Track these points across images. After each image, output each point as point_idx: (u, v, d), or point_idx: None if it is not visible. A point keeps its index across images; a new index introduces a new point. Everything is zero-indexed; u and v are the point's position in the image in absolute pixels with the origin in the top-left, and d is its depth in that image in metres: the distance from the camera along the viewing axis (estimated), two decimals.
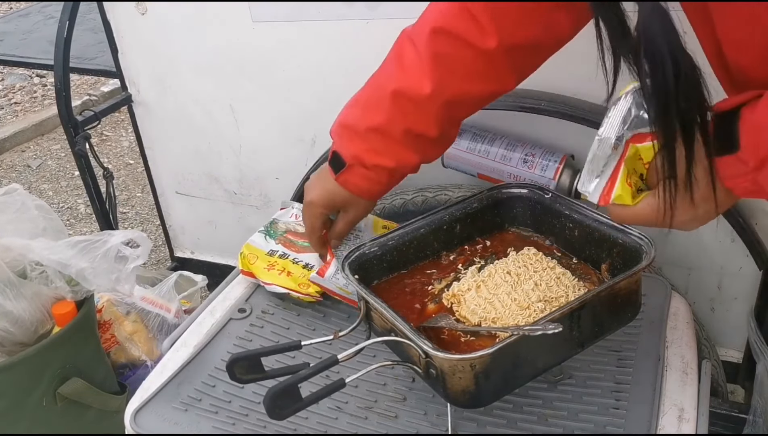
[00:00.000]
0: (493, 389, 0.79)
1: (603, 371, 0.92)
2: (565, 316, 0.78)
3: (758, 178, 0.61)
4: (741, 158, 0.61)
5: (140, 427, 0.88)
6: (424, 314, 0.92)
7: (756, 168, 0.60)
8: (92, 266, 1.27)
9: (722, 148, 0.62)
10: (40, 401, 1.32)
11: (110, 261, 1.29)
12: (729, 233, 1.34)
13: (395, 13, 1.39)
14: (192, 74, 1.69)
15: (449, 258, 1.01)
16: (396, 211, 1.51)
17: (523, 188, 1.04)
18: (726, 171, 0.63)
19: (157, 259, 2.57)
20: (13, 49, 2.12)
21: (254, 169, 1.78)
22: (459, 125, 0.96)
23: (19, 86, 4.23)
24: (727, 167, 0.63)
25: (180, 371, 0.96)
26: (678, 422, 0.84)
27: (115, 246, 1.30)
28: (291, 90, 1.61)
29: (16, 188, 1.36)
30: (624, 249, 0.89)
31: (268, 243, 1.15)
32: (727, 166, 0.63)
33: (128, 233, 1.34)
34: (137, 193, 3.04)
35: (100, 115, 1.74)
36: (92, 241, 1.30)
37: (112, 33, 1.72)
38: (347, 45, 1.48)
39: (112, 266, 1.30)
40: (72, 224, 2.86)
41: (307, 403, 0.75)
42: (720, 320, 1.47)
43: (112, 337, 1.61)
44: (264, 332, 1.04)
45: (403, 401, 0.91)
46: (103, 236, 1.31)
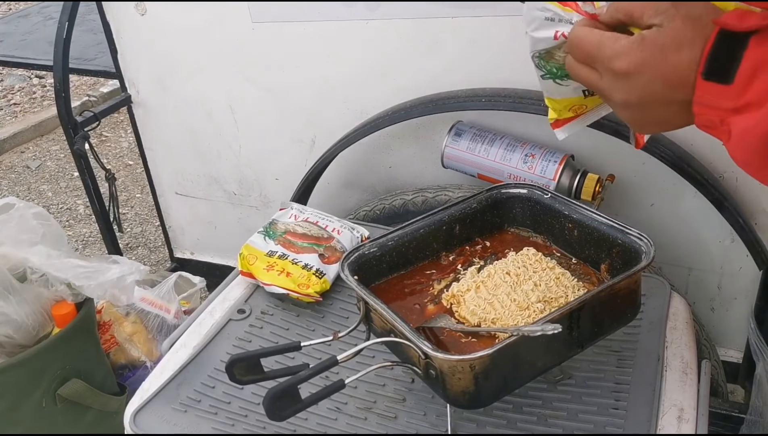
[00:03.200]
0: (493, 389, 0.78)
1: (603, 372, 0.92)
2: (564, 316, 0.78)
3: (729, 119, 0.54)
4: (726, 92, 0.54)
5: (140, 428, 0.88)
6: (423, 315, 0.92)
7: (734, 110, 0.54)
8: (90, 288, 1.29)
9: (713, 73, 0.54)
10: (40, 402, 1.32)
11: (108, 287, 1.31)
12: (729, 233, 1.34)
13: (395, 13, 1.39)
14: (192, 75, 1.69)
15: (449, 259, 1.01)
16: (396, 211, 1.51)
17: (523, 189, 1.04)
18: (704, 96, 0.56)
19: (156, 260, 2.57)
20: (12, 50, 2.11)
21: (254, 170, 1.78)
22: None
23: (18, 87, 4.23)
24: (707, 93, 0.55)
25: (179, 372, 0.96)
26: (678, 422, 0.84)
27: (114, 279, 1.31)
28: (291, 90, 1.61)
29: (13, 204, 1.36)
30: (623, 249, 0.89)
31: (268, 244, 1.15)
32: (708, 93, 0.55)
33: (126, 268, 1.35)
34: (137, 194, 3.04)
35: (99, 116, 1.75)
36: (92, 269, 1.31)
37: (111, 34, 1.72)
38: (347, 45, 1.48)
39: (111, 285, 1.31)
40: (71, 225, 2.86)
41: (307, 404, 0.75)
42: (720, 320, 1.47)
43: (112, 338, 1.61)
44: (263, 333, 1.04)
45: (403, 401, 0.91)
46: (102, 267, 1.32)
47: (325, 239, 1.17)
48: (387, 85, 1.48)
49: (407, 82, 1.45)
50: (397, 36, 1.43)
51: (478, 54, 1.37)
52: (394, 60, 1.46)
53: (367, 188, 1.67)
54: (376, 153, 1.60)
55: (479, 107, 1.33)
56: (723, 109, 0.54)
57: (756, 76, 0.52)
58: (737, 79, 0.53)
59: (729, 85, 0.53)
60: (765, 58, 0.52)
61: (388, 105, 1.45)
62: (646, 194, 1.40)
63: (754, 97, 0.52)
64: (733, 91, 0.53)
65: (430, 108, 1.37)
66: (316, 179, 1.56)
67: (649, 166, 1.32)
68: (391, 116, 1.41)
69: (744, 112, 0.53)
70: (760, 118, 0.52)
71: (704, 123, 0.57)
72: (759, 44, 0.52)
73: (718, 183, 1.28)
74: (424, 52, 1.42)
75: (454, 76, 1.40)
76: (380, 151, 1.60)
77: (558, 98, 0.74)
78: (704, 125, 0.58)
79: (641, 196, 1.40)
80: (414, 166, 1.58)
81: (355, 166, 1.64)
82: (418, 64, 1.44)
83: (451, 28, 1.37)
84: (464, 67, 1.39)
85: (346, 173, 1.65)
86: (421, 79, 1.43)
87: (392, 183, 1.62)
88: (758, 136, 0.53)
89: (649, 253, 0.84)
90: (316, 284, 1.08)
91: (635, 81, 0.60)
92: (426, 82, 1.43)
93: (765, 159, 0.54)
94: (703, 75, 0.55)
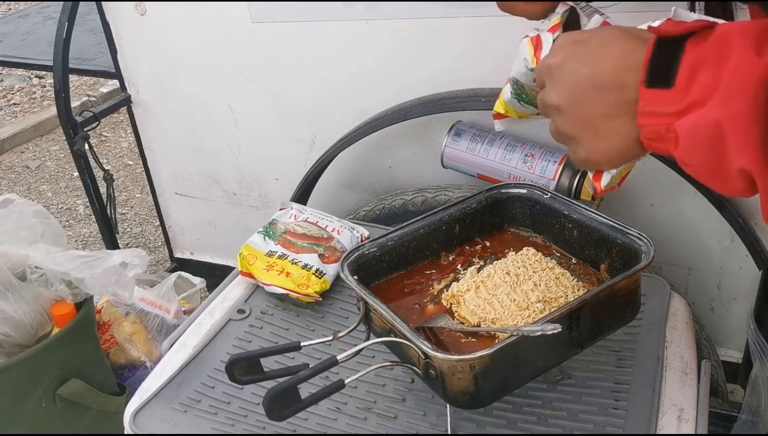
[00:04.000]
0: (493, 389, 0.78)
1: (602, 372, 0.92)
2: (564, 316, 0.78)
3: (675, 124, 0.54)
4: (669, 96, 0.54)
5: (139, 428, 0.88)
6: (423, 315, 0.92)
7: (679, 113, 0.54)
8: (91, 278, 1.28)
9: (655, 80, 0.55)
10: (39, 402, 1.32)
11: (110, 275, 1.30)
12: (729, 233, 1.34)
13: (395, 13, 1.39)
14: (191, 75, 1.69)
15: (448, 259, 1.01)
16: (396, 211, 1.51)
17: (522, 188, 1.04)
18: (647, 105, 0.56)
19: (156, 260, 2.56)
20: (12, 50, 2.11)
21: (253, 169, 1.78)
22: None
23: (18, 87, 4.23)
24: (650, 102, 0.55)
25: (179, 372, 0.96)
26: (677, 422, 0.84)
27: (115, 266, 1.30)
28: (291, 90, 1.61)
29: (13, 199, 1.36)
30: (623, 249, 0.89)
31: (267, 244, 1.15)
32: (651, 101, 0.55)
33: (127, 253, 1.34)
34: (136, 194, 3.04)
35: (99, 116, 1.75)
36: (93, 257, 1.30)
37: (111, 34, 1.72)
38: (347, 45, 1.48)
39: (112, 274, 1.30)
40: (71, 225, 2.86)
41: (307, 404, 0.75)
42: (719, 320, 1.47)
43: (112, 338, 1.61)
44: (263, 333, 1.04)
45: (403, 401, 0.91)
46: (103, 255, 1.32)
47: (324, 239, 1.17)
48: (387, 85, 1.48)
49: (407, 82, 1.45)
50: (396, 36, 1.43)
51: (478, 54, 1.37)
52: (393, 60, 1.46)
53: (367, 188, 1.67)
54: (376, 153, 1.60)
55: (479, 107, 1.33)
56: (668, 114, 0.54)
57: (695, 76, 0.53)
58: (678, 82, 0.53)
59: (671, 89, 0.54)
60: (702, 58, 0.53)
61: (388, 105, 1.45)
62: (646, 194, 1.40)
63: (697, 96, 0.52)
64: (676, 95, 0.54)
65: (430, 108, 1.37)
66: (316, 179, 1.56)
67: (649, 166, 1.32)
68: (391, 116, 1.41)
69: (688, 113, 0.53)
70: (707, 112, 0.52)
71: (650, 136, 0.57)
72: (695, 46, 0.53)
73: None
74: (424, 52, 1.42)
75: (454, 76, 1.40)
76: (380, 151, 1.60)
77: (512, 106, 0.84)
78: (651, 139, 0.57)
79: (641, 196, 1.40)
80: (414, 166, 1.58)
81: (355, 166, 1.64)
82: (417, 64, 1.44)
83: (451, 28, 1.37)
84: (464, 67, 1.39)
85: (346, 173, 1.66)
86: (421, 79, 1.43)
87: (392, 183, 1.62)
88: (707, 131, 0.53)
89: (648, 253, 0.84)
90: (316, 284, 1.08)
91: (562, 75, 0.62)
92: (426, 82, 1.43)
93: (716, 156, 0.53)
94: (645, 83, 0.55)
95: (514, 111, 0.85)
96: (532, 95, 0.79)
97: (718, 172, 0.54)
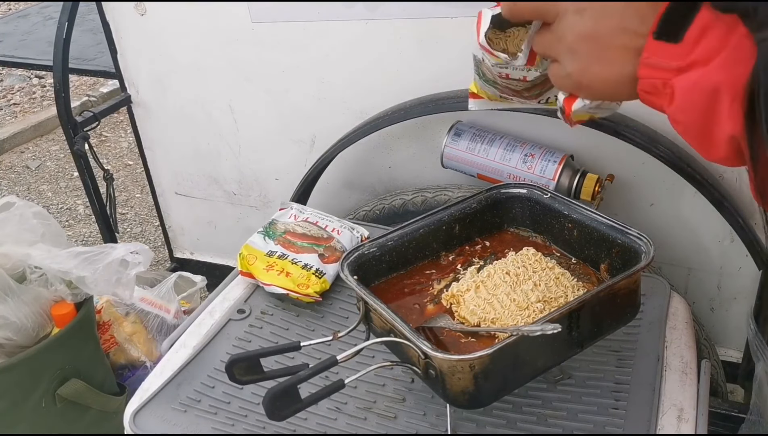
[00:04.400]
0: (493, 389, 0.78)
1: (602, 371, 0.92)
2: (564, 316, 0.78)
3: (673, 80, 0.54)
4: (674, 50, 0.54)
5: (139, 428, 0.88)
6: (423, 315, 0.92)
7: (679, 69, 0.54)
8: (93, 275, 1.28)
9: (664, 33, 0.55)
10: (39, 402, 1.32)
11: (111, 272, 1.29)
12: (728, 233, 1.34)
13: (395, 13, 1.39)
14: (191, 75, 1.69)
15: (448, 258, 1.01)
16: (396, 211, 1.51)
17: (522, 188, 1.04)
18: (651, 56, 0.56)
19: (156, 260, 2.56)
20: (12, 50, 2.12)
21: (253, 169, 1.78)
22: None
23: (18, 87, 4.23)
24: (654, 53, 0.55)
25: (179, 372, 0.96)
26: (677, 422, 0.84)
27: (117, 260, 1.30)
28: (291, 90, 1.61)
29: (13, 202, 1.36)
30: (623, 249, 0.89)
31: (267, 244, 1.15)
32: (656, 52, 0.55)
33: (130, 246, 1.34)
34: (136, 194, 3.04)
35: (99, 116, 1.74)
36: (94, 253, 1.30)
37: (111, 34, 1.72)
38: (347, 45, 1.48)
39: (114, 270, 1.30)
40: (71, 225, 2.86)
41: (307, 404, 0.75)
42: (719, 320, 1.47)
43: (112, 338, 1.61)
44: (263, 333, 1.04)
45: (403, 401, 0.91)
46: (105, 249, 1.31)
47: (324, 239, 1.17)
48: (387, 85, 1.48)
49: (407, 82, 1.45)
50: (396, 36, 1.43)
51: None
52: (393, 60, 1.46)
53: (367, 188, 1.67)
54: (376, 153, 1.60)
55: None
56: (668, 69, 0.54)
57: (704, 36, 0.52)
58: (686, 38, 0.53)
59: (677, 44, 0.54)
60: (714, 20, 0.52)
61: (388, 105, 1.45)
62: (646, 194, 1.40)
63: (701, 55, 0.52)
64: (681, 50, 0.54)
65: (430, 108, 1.37)
66: (316, 179, 1.56)
67: (649, 166, 1.32)
68: (391, 116, 1.41)
69: (688, 71, 0.53)
70: (705, 73, 0.52)
71: (647, 88, 0.57)
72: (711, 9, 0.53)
73: (717, 183, 1.28)
74: (424, 53, 1.42)
75: (454, 76, 1.40)
76: (380, 151, 1.60)
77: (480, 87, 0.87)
78: (647, 91, 0.57)
79: (641, 196, 1.40)
80: (414, 166, 1.58)
81: (355, 166, 1.64)
82: (417, 64, 1.44)
83: (451, 28, 1.37)
84: (464, 67, 1.38)
85: (346, 173, 1.66)
86: (421, 79, 1.43)
87: (392, 183, 1.62)
88: (702, 92, 0.53)
89: (648, 253, 0.84)
90: (316, 284, 1.08)
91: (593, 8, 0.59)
92: (426, 82, 1.43)
93: (707, 118, 0.53)
94: (654, 35, 0.55)
95: (484, 92, 0.87)
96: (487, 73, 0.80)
97: (707, 135, 0.54)
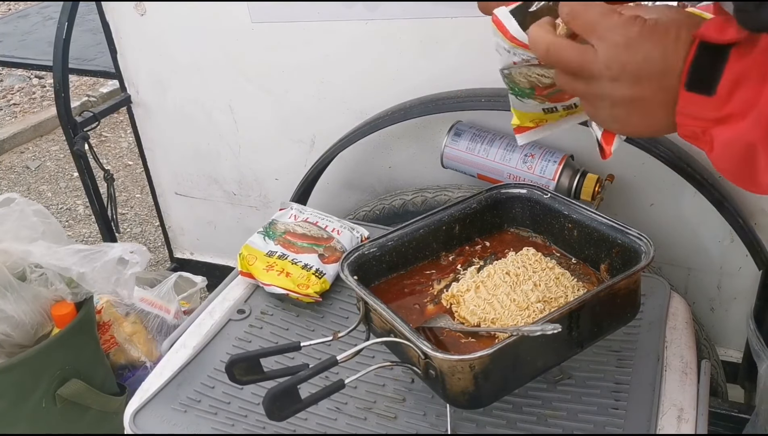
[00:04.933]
0: (493, 389, 0.79)
1: (602, 372, 0.92)
2: (564, 316, 0.78)
3: (712, 130, 0.55)
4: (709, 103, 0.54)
5: (139, 428, 0.88)
6: (423, 315, 0.92)
7: (716, 120, 0.54)
8: (92, 273, 1.28)
9: (696, 84, 0.55)
10: (39, 402, 1.32)
11: (110, 269, 1.30)
12: (728, 233, 1.34)
13: (395, 13, 1.39)
14: (191, 75, 1.69)
15: (448, 259, 1.01)
16: (396, 211, 1.51)
17: (522, 189, 1.04)
18: (686, 106, 0.56)
19: (156, 260, 2.56)
20: (12, 50, 2.12)
21: (253, 170, 1.78)
22: None
23: (18, 87, 4.23)
24: (689, 104, 0.55)
25: (179, 372, 0.96)
26: (677, 422, 0.84)
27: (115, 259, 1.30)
28: (291, 90, 1.61)
29: (14, 198, 1.36)
30: (623, 249, 0.89)
31: (267, 244, 1.15)
32: (691, 103, 0.55)
33: (128, 246, 1.34)
34: (136, 195, 3.04)
35: (99, 116, 1.74)
36: (93, 251, 1.30)
37: (111, 34, 1.72)
38: (347, 45, 1.48)
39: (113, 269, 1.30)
40: (71, 226, 2.86)
41: (307, 404, 0.75)
42: (719, 320, 1.47)
43: (112, 338, 1.61)
44: (263, 333, 1.04)
45: (403, 401, 0.91)
46: (103, 248, 1.32)
47: (324, 239, 1.17)
48: (386, 85, 1.48)
49: (407, 82, 1.45)
50: (396, 36, 1.43)
51: (478, 54, 1.37)
52: (393, 60, 1.46)
53: (367, 188, 1.67)
54: (376, 153, 1.60)
55: (479, 107, 1.33)
56: (705, 119, 0.55)
57: (738, 88, 0.53)
58: (719, 91, 0.53)
59: (711, 97, 0.54)
60: (746, 71, 0.52)
61: (388, 105, 1.45)
62: (646, 194, 1.40)
63: (737, 108, 0.53)
64: (716, 103, 0.54)
65: (429, 108, 1.37)
66: (316, 179, 1.56)
67: (649, 166, 1.32)
68: (391, 116, 1.41)
69: (726, 123, 0.54)
70: (743, 130, 0.53)
71: (687, 133, 0.58)
72: (740, 57, 0.53)
73: (717, 183, 1.28)
74: (424, 53, 1.42)
75: (453, 77, 1.40)
76: (380, 152, 1.60)
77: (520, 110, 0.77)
78: (687, 136, 0.58)
79: (641, 196, 1.40)
80: (414, 166, 1.58)
81: (355, 167, 1.64)
82: (417, 64, 1.44)
83: (451, 28, 1.37)
84: (464, 67, 1.39)
85: (346, 173, 1.66)
86: (420, 80, 1.43)
87: (392, 183, 1.62)
88: (741, 147, 0.54)
89: (648, 253, 0.84)
90: (316, 284, 1.08)
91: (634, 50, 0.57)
92: (426, 82, 1.43)
93: (747, 169, 0.55)
94: (685, 86, 0.55)
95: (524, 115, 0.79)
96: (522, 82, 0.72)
97: (749, 180, 0.57)
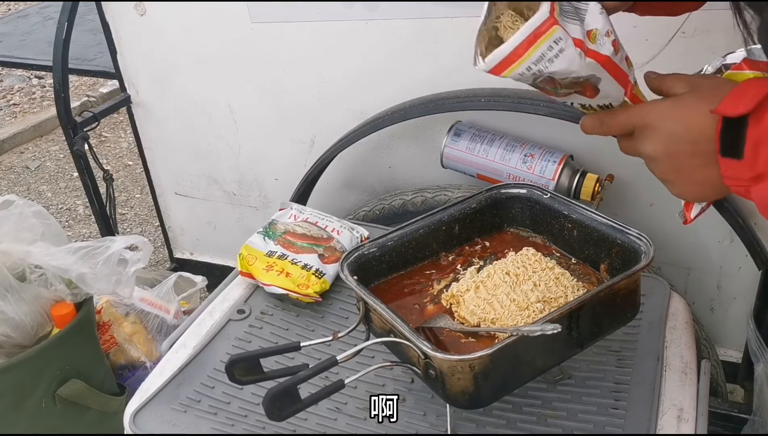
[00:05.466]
0: (493, 389, 0.79)
1: (602, 372, 0.92)
2: (564, 316, 0.78)
3: (751, 189, 0.64)
4: (741, 165, 0.64)
5: (139, 428, 0.88)
6: (423, 315, 0.92)
7: (752, 179, 0.64)
8: (93, 271, 1.27)
9: (727, 151, 0.65)
10: (39, 402, 1.32)
11: (111, 267, 1.29)
12: (728, 233, 1.34)
13: (395, 13, 1.39)
14: (191, 75, 1.69)
15: (448, 259, 1.01)
16: (395, 211, 1.51)
17: (522, 189, 1.04)
18: (726, 170, 0.66)
19: (156, 260, 2.56)
20: (11, 51, 2.12)
21: (253, 170, 1.78)
22: None
23: (17, 87, 4.23)
24: (728, 168, 0.66)
25: (179, 372, 0.96)
26: (677, 422, 0.84)
27: (117, 252, 1.30)
28: (290, 90, 1.61)
29: (13, 201, 1.36)
30: (623, 249, 0.89)
31: (267, 244, 1.15)
32: (728, 167, 0.65)
33: (130, 239, 1.34)
34: (136, 195, 3.04)
35: (99, 117, 1.74)
36: (94, 247, 1.30)
37: (110, 34, 1.72)
38: (347, 45, 1.48)
39: (113, 269, 1.30)
40: (71, 226, 2.86)
41: (307, 404, 0.75)
42: (719, 320, 1.47)
43: (112, 338, 1.61)
44: (263, 333, 1.04)
45: (403, 401, 0.91)
46: (104, 242, 1.31)
47: (324, 239, 1.17)
48: (386, 85, 1.48)
49: (407, 82, 1.45)
50: (396, 36, 1.43)
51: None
52: (393, 60, 1.46)
53: (367, 188, 1.67)
54: (376, 153, 1.60)
55: (479, 107, 1.33)
56: (744, 179, 0.65)
57: (758, 152, 0.62)
58: (746, 155, 0.63)
59: (741, 161, 0.64)
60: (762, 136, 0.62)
61: (388, 105, 1.45)
62: (646, 194, 1.40)
63: (763, 169, 0.62)
64: (746, 165, 0.64)
65: (429, 108, 1.37)
66: (316, 179, 1.56)
67: None
68: (391, 116, 1.41)
69: (761, 182, 0.63)
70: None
71: (738, 192, 0.67)
72: (756, 124, 0.62)
73: None
74: (424, 53, 1.42)
75: (453, 76, 1.40)
76: (380, 151, 1.60)
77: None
78: (739, 194, 0.67)
79: (640, 197, 1.40)
80: (413, 166, 1.58)
81: (355, 167, 1.64)
82: (417, 64, 1.44)
83: (451, 28, 1.37)
84: (464, 67, 1.38)
85: (346, 173, 1.66)
86: (420, 79, 1.43)
87: (392, 183, 1.62)
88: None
89: (648, 253, 0.84)
90: (316, 284, 1.08)
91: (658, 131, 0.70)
92: (425, 82, 1.43)
93: None
94: (720, 153, 0.65)
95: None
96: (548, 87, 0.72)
97: None
